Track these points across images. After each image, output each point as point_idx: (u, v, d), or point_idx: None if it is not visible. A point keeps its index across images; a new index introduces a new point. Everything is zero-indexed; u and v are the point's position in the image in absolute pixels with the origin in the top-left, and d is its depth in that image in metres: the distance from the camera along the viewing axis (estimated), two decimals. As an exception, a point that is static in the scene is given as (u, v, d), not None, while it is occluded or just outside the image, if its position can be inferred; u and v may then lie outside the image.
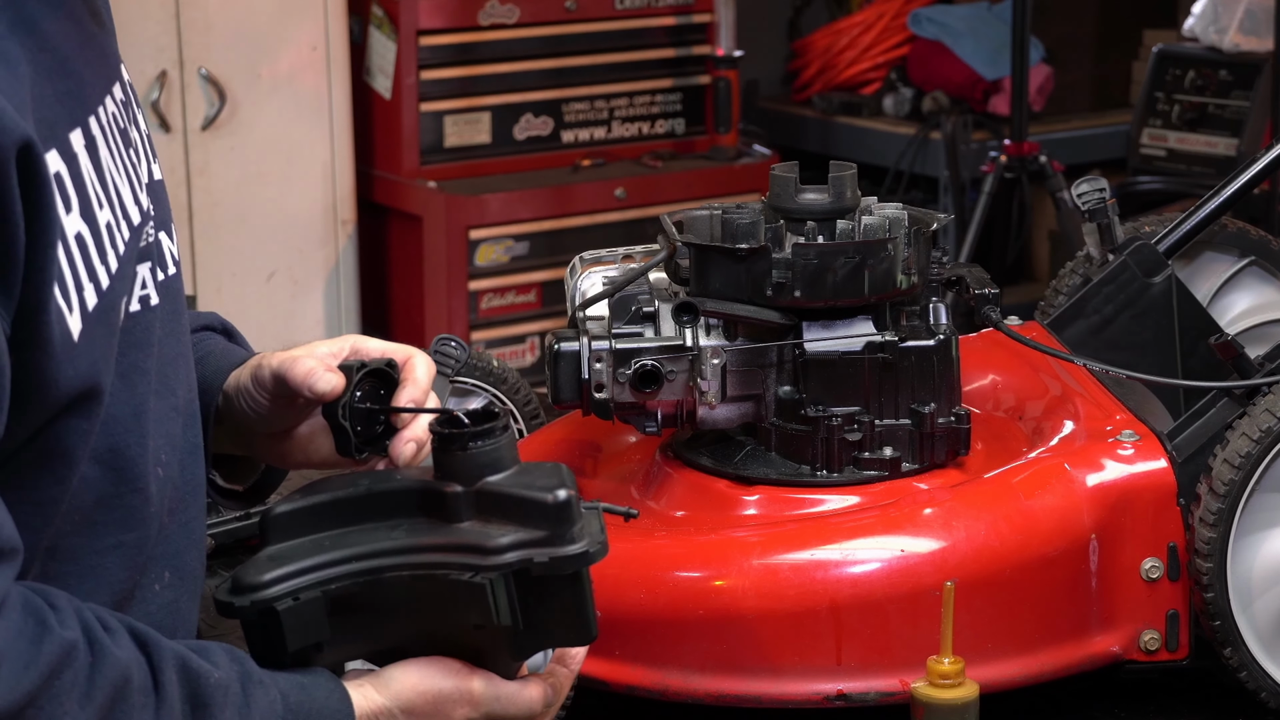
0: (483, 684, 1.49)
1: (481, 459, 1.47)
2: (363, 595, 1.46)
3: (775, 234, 1.90)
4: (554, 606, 1.46)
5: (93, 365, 1.38)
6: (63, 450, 1.38)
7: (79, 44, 1.43)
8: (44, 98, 1.36)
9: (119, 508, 1.45)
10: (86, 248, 1.39)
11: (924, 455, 1.90)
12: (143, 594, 1.49)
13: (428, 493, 1.48)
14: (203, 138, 4.40)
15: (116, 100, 1.49)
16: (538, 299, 4.73)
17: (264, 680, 1.42)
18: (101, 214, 1.41)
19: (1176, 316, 2.08)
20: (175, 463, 1.52)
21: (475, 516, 1.47)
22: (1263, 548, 1.82)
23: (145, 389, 1.46)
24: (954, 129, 5.20)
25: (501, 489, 1.47)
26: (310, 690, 1.44)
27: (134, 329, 1.46)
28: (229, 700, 1.39)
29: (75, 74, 1.41)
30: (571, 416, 2.09)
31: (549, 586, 1.45)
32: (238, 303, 4.41)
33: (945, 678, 1.66)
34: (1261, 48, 4.84)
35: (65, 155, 1.38)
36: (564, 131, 4.84)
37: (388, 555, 1.47)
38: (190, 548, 1.55)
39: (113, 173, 1.44)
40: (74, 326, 1.36)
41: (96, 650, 1.33)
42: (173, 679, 1.37)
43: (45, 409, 1.36)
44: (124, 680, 1.34)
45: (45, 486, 1.38)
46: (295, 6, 4.45)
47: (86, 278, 1.38)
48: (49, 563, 1.42)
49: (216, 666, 1.40)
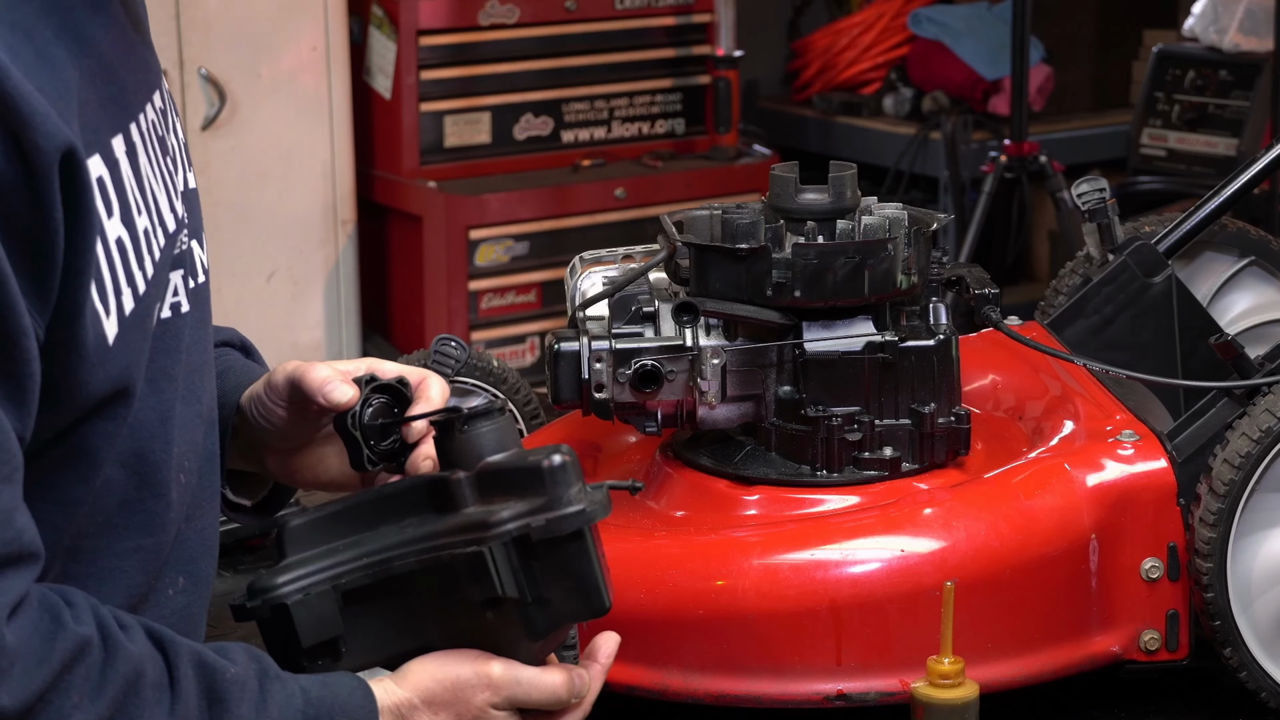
0: (502, 667, 1.49)
1: (480, 442, 1.50)
2: (373, 588, 1.48)
3: (775, 234, 1.90)
4: (560, 575, 1.46)
5: (125, 369, 1.39)
6: (88, 451, 1.39)
7: (122, 51, 1.45)
8: (89, 103, 1.37)
9: (140, 511, 1.46)
10: (126, 253, 1.40)
11: (924, 455, 1.90)
12: (157, 598, 1.50)
13: (433, 485, 1.50)
14: (203, 138, 4.40)
15: (155, 108, 1.50)
16: (538, 299, 4.73)
17: (282, 676, 1.43)
18: (140, 220, 1.42)
19: (1176, 316, 2.08)
20: (195, 470, 1.53)
21: (479, 500, 1.48)
22: (1263, 548, 1.82)
23: (172, 395, 1.48)
24: (954, 129, 5.20)
25: (499, 465, 1.48)
26: (332, 686, 1.45)
27: (165, 335, 1.47)
28: (245, 695, 1.40)
29: (119, 80, 1.43)
30: (571, 416, 2.10)
31: (552, 553, 1.45)
32: (238, 303, 4.41)
33: (945, 678, 1.66)
34: (1261, 48, 4.84)
35: (108, 160, 1.39)
36: (564, 131, 4.84)
37: (395, 548, 1.49)
38: (204, 554, 1.56)
39: (151, 180, 1.46)
40: (110, 330, 1.37)
41: (110, 645, 1.34)
42: (188, 674, 1.38)
43: (74, 410, 1.37)
44: (137, 675, 1.35)
45: (69, 486, 1.40)
46: (295, 6, 4.45)
47: (125, 282, 1.40)
48: (69, 563, 1.43)
49: (234, 663, 1.41)
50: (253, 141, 4.46)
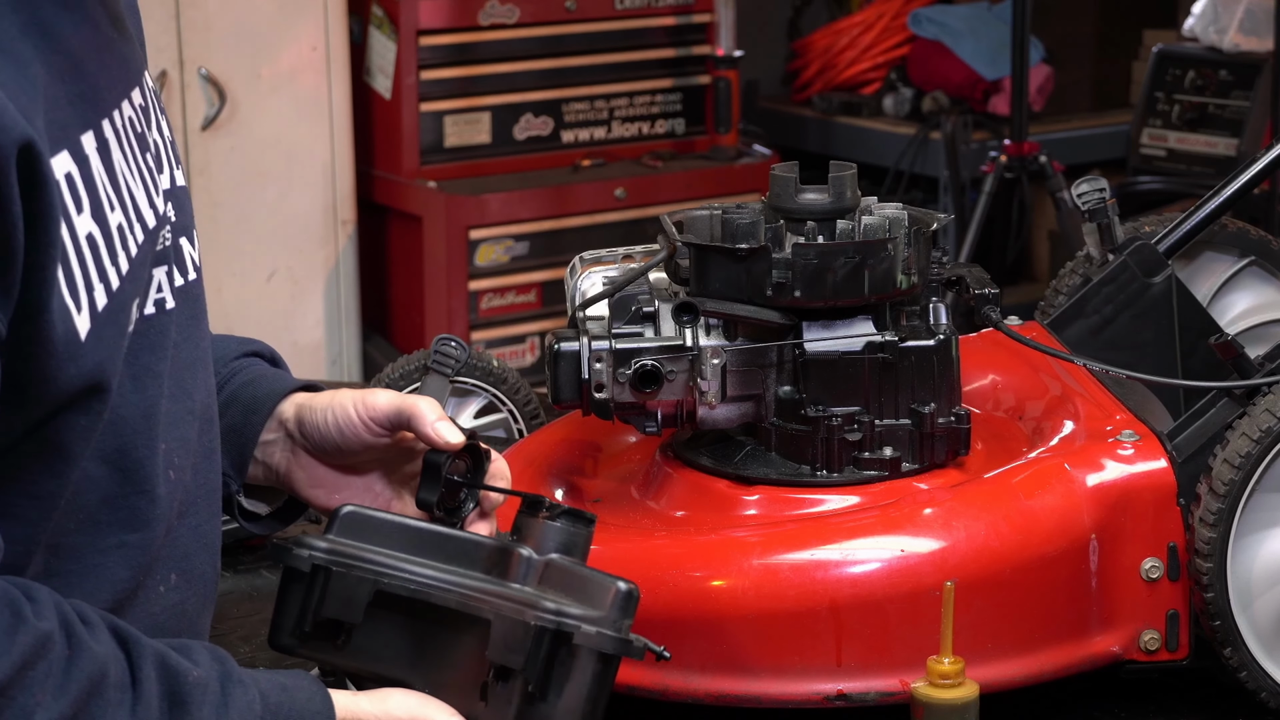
0: None
1: (561, 535, 1.53)
2: (405, 603, 1.50)
3: (775, 234, 1.90)
4: (571, 689, 1.48)
5: (99, 364, 1.39)
6: (61, 445, 1.39)
7: (95, 48, 1.44)
8: (57, 99, 1.37)
9: (123, 508, 1.45)
10: (98, 248, 1.39)
11: (924, 455, 1.90)
12: (146, 595, 1.49)
13: (497, 550, 1.53)
14: (203, 138, 4.40)
15: (135, 105, 1.50)
16: (538, 299, 4.73)
17: (244, 680, 1.42)
18: (113, 216, 1.42)
19: (1176, 316, 2.08)
20: (189, 466, 1.52)
21: (536, 584, 1.51)
22: (1263, 548, 1.82)
23: (157, 392, 1.47)
24: (954, 129, 5.20)
25: (570, 566, 1.52)
26: (291, 692, 1.45)
27: (148, 332, 1.47)
28: (207, 698, 1.39)
29: (90, 77, 1.43)
30: (571, 416, 2.10)
31: (580, 665, 1.47)
32: (238, 303, 4.41)
33: (945, 678, 1.66)
34: (1261, 48, 4.84)
35: (77, 156, 1.39)
36: (564, 131, 4.84)
37: (443, 580, 1.51)
38: (200, 550, 1.55)
39: (126, 176, 1.45)
40: (82, 326, 1.37)
41: (74, 644, 1.33)
42: (151, 675, 1.37)
43: (45, 405, 1.36)
44: (100, 675, 1.34)
45: (42, 480, 1.39)
46: (295, 6, 4.45)
47: (97, 278, 1.39)
48: (51, 560, 1.42)
49: (197, 664, 1.40)
50: (253, 141, 4.46)
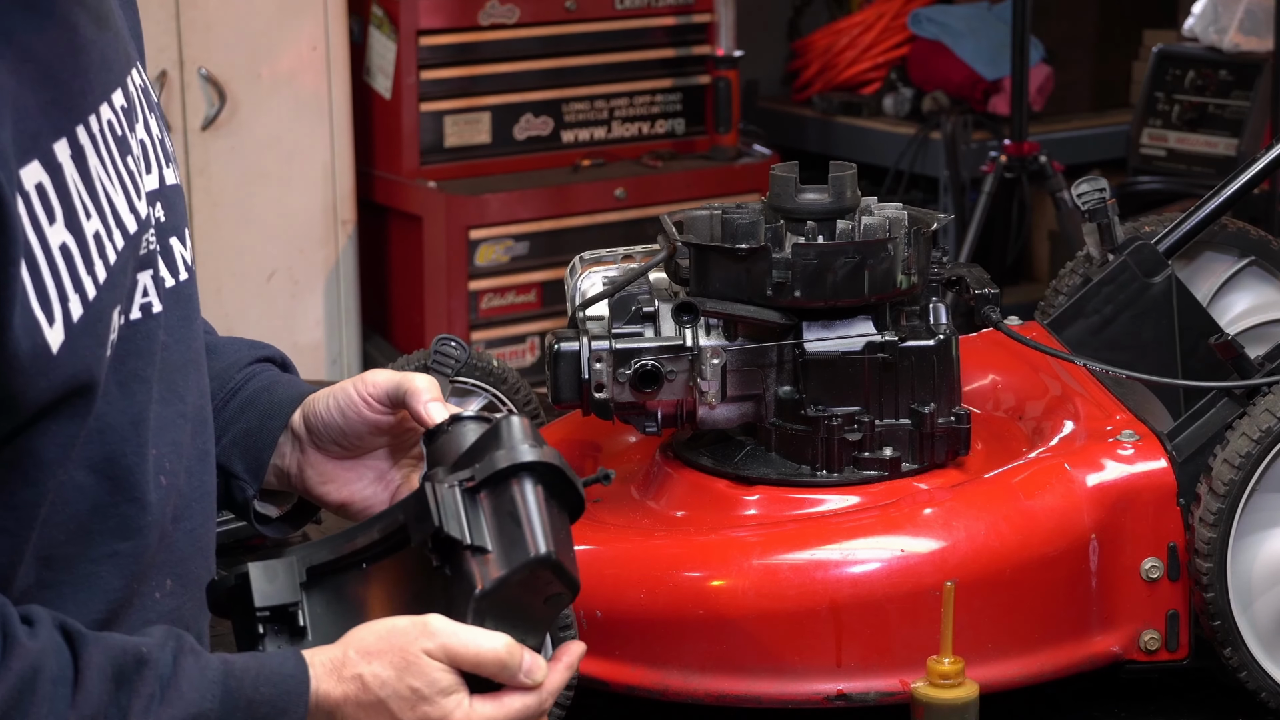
0: (441, 619, 1.44)
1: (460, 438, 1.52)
2: (337, 564, 1.50)
3: (775, 234, 1.90)
4: (502, 522, 1.46)
5: (74, 376, 1.36)
6: (37, 454, 1.37)
7: (69, 52, 1.41)
8: (27, 109, 1.35)
9: (114, 516, 1.44)
10: (72, 259, 1.37)
11: (924, 455, 1.90)
12: (142, 602, 1.48)
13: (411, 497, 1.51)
14: (203, 138, 4.40)
15: (116, 107, 1.46)
16: (538, 299, 4.73)
17: (198, 650, 1.41)
18: (89, 224, 1.39)
19: (1176, 316, 2.08)
20: (182, 470, 1.51)
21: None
22: (1263, 548, 1.82)
23: (145, 397, 1.45)
24: (954, 129, 5.20)
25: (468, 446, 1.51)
26: (260, 656, 1.44)
27: (134, 337, 1.45)
28: (156, 671, 1.37)
29: (63, 83, 1.39)
30: (571, 416, 2.10)
31: (496, 498, 1.46)
32: (238, 303, 4.41)
33: (945, 678, 1.66)
34: (1261, 48, 4.84)
35: (48, 165, 1.36)
36: (564, 131, 4.84)
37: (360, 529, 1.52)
38: (196, 555, 1.54)
39: (104, 181, 1.42)
40: (54, 339, 1.34)
41: (7, 644, 1.32)
42: (95, 661, 1.35)
43: (14, 418, 1.35)
44: (33, 672, 1.32)
45: (17, 490, 1.37)
46: (295, 6, 4.45)
47: (71, 288, 1.37)
48: (43, 571, 1.41)
49: (146, 640, 1.39)
50: (253, 141, 4.46)
